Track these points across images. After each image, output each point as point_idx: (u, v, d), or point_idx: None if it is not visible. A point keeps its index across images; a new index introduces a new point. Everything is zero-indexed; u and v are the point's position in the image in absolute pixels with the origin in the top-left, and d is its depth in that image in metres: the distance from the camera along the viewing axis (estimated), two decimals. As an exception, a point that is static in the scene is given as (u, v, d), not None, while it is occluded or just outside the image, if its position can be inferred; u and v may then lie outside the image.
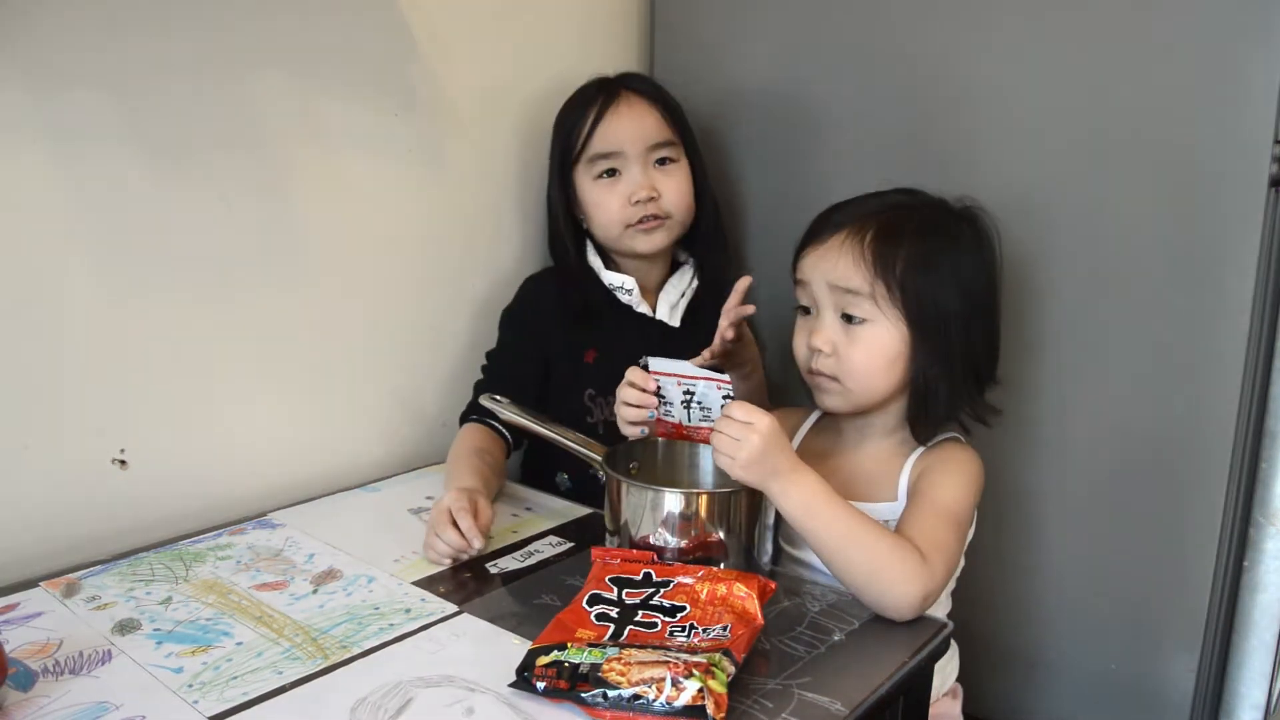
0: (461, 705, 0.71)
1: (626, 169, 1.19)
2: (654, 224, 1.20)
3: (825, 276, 0.96)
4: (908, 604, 0.84)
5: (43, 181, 0.91)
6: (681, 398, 0.93)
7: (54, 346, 0.94)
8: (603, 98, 1.20)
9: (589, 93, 1.23)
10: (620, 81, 1.23)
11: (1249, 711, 1.08)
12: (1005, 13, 1.10)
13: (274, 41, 1.06)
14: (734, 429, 0.85)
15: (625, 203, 1.19)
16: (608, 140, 1.19)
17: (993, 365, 1.01)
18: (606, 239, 1.23)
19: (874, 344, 0.94)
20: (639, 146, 1.19)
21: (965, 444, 1.01)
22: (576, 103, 1.23)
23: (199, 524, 1.05)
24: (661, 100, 1.23)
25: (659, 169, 1.21)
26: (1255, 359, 1.01)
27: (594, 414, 1.22)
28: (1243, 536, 1.06)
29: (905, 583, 0.84)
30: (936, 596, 0.87)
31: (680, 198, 1.21)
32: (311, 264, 1.14)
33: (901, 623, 0.85)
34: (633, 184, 1.19)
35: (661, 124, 1.21)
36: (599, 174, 1.20)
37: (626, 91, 1.21)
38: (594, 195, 1.21)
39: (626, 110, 1.20)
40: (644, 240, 1.21)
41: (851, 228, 0.96)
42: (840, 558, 0.85)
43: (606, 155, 1.19)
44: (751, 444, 0.84)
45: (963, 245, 0.96)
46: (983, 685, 1.19)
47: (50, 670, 0.75)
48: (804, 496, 0.86)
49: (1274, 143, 0.96)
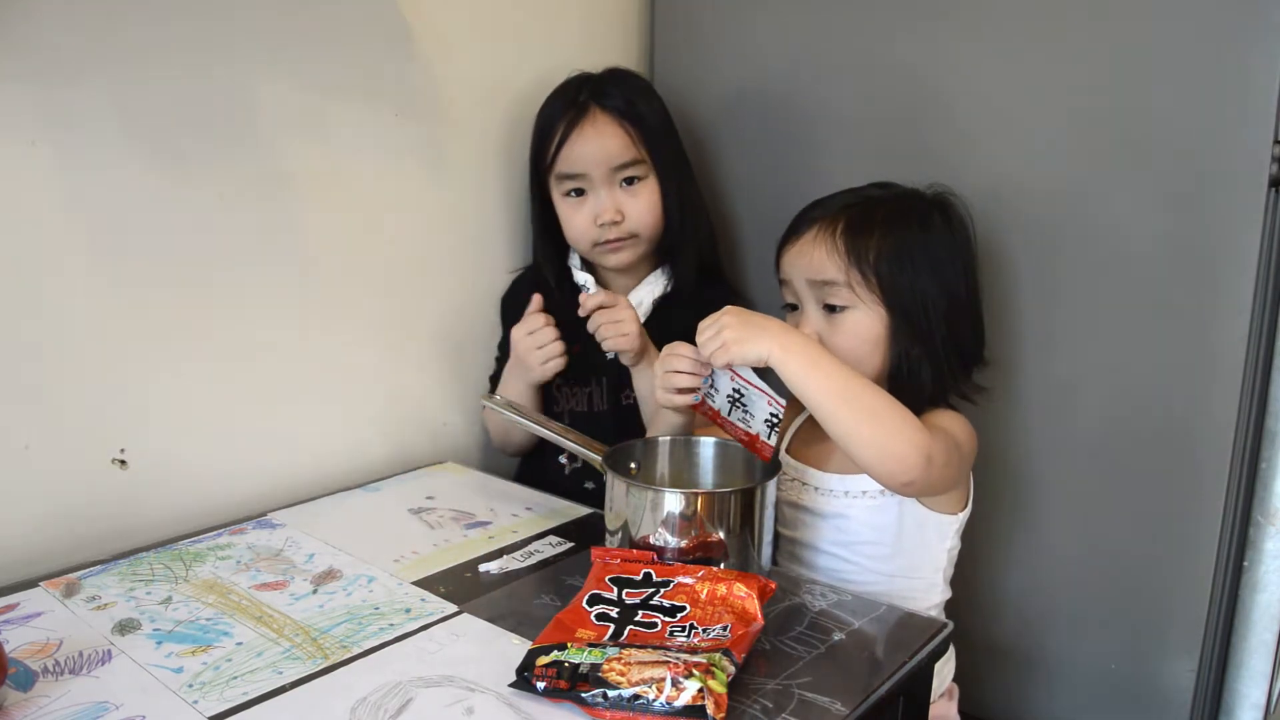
0: (461, 705, 0.71)
1: (593, 190, 1.19)
2: (619, 244, 1.21)
3: (803, 273, 0.99)
4: (914, 451, 0.85)
5: (42, 181, 0.91)
6: (730, 392, 0.94)
7: (54, 346, 0.94)
8: (570, 115, 1.19)
9: (560, 103, 1.21)
10: (592, 94, 1.20)
11: (1249, 711, 1.08)
12: (1006, 13, 1.10)
13: (274, 41, 1.06)
14: (705, 329, 0.90)
15: (591, 223, 1.20)
16: (573, 162, 1.19)
17: (979, 345, 1.03)
18: (577, 250, 1.25)
19: (856, 330, 0.97)
20: (603, 169, 1.18)
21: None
22: (549, 111, 1.22)
23: (199, 524, 1.05)
24: (631, 115, 1.20)
25: (625, 189, 1.20)
26: (1255, 359, 1.01)
27: (560, 403, 1.24)
28: (1243, 536, 1.06)
29: (911, 430, 0.86)
30: (939, 472, 0.89)
31: (646, 216, 1.21)
32: (311, 264, 1.14)
33: (899, 487, 0.89)
34: (598, 206, 1.19)
35: (627, 144, 1.19)
36: (566, 191, 1.21)
37: (595, 108, 1.19)
38: (563, 210, 1.22)
39: (592, 131, 1.18)
40: (611, 258, 1.22)
41: (824, 221, 0.99)
42: (845, 406, 0.86)
43: (572, 176, 1.19)
44: (727, 321, 0.89)
45: (934, 230, 0.99)
46: (982, 685, 1.20)
47: (50, 670, 0.75)
48: (804, 348, 0.89)
49: (1274, 143, 0.96)
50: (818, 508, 1.01)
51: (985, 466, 1.08)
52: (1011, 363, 1.14)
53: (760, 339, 0.88)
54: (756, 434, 0.94)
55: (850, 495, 0.99)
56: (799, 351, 0.88)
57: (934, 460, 0.87)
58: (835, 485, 1.00)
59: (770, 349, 0.88)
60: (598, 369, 1.22)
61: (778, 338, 0.89)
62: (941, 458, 0.89)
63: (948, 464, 0.91)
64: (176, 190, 1.00)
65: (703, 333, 0.92)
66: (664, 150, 1.22)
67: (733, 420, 0.95)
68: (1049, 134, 1.09)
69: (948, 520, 1.00)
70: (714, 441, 1.00)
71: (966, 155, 1.14)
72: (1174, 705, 1.09)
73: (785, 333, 0.90)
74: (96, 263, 0.96)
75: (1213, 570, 1.05)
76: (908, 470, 0.86)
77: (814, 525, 1.02)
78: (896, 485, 0.89)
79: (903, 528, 0.99)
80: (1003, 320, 1.13)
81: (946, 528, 1.01)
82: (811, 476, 1.02)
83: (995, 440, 1.14)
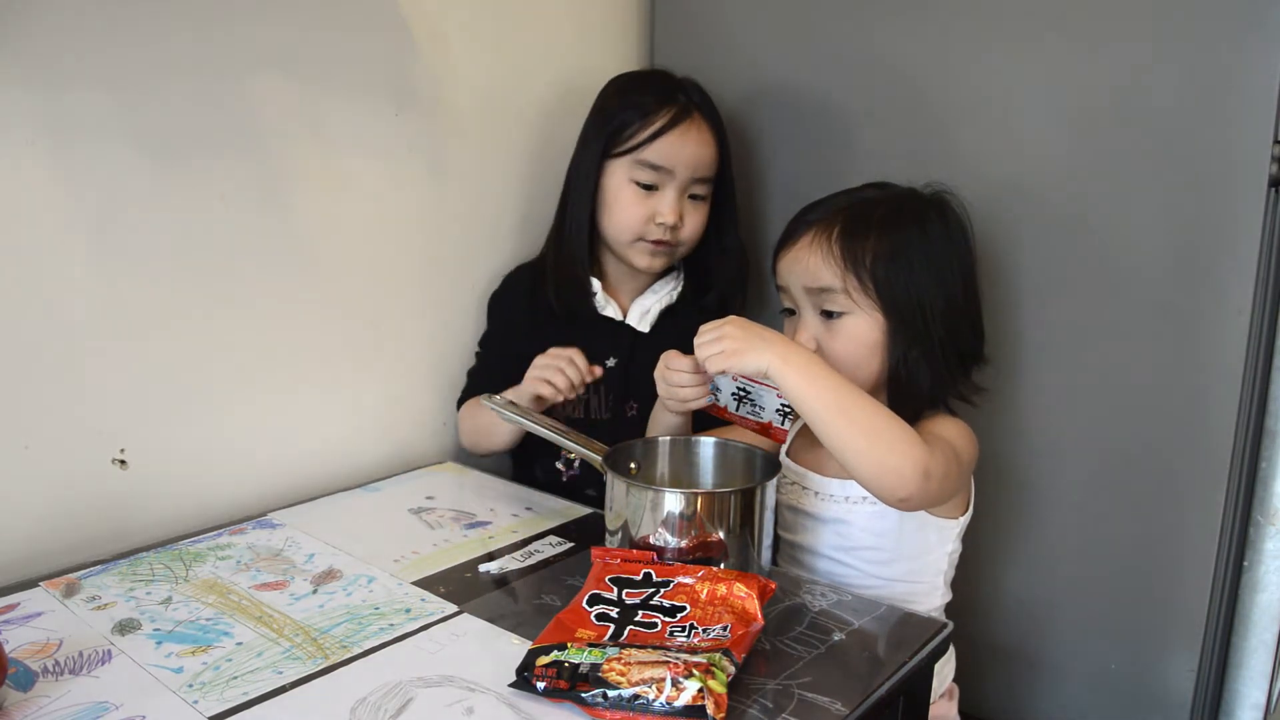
0: (461, 705, 0.71)
1: (665, 188, 1.18)
2: (664, 248, 1.20)
3: (800, 280, 0.99)
4: (911, 468, 0.85)
5: (42, 181, 0.91)
6: (734, 391, 0.95)
7: (54, 346, 0.94)
8: (674, 110, 1.17)
9: (656, 94, 1.18)
10: (695, 99, 1.20)
11: (1249, 711, 1.08)
12: (1008, 12, 1.10)
13: (273, 41, 1.06)
14: (707, 336, 0.91)
15: (649, 219, 1.18)
16: (664, 156, 1.16)
17: (978, 344, 1.02)
18: (612, 237, 1.22)
19: (854, 335, 0.97)
20: (688, 174, 1.18)
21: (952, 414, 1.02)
22: (642, 98, 1.18)
23: (199, 524, 1.05)
24: (720, 135, 1.21)
25: (690, 201, 1.20)
26: (1255, 359, 1.01)
27: (557, 410, 1.21)
28: (1243, 536, 1.06)
29: (908, 445, 0.85)
30: (937, 486, 0.88)
31: (695, 233, 1.22)
32: (311, 264, 1.14)
33: (896, 503, 0.87)
34: (663, 205, 1.18)
35: (714, 159, 1.20)
36: (638, 180, 1.18)
37: (699, 114, 1.18)
38: (622, 195, 1.19)
39: (695, 134, 1.17)
40: (646, 259, 1.21)
41: (819, 225, 0.99)
42: (843, 420, 0.86)
43: (656, 168, 1.17)
44: (729, 331, 0.90)
45: (931, 231, 0.98)
46: (982, 685, 1.20)
47: (50, 670, 0.75)
48: (803, 361, 0.88)
49: (1274, 143, 0.96)
50: (817, 512, 1.01)
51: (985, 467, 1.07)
52: (1012, 364, 1.14)
53: (761, 351, 0.88)
54: (769, 422, 0.94)
55: (850, 500, 0.99)
56: (800, 365, 0.88)
57: (932, 476, 0.86)
58: (835, 490, 1.00)
59: (770, 361, 0.88)
60: None
61: (779, 350, 0.88)
62: (940, 472, 0.88)
63: (946, 478, 0.90)
64: (177, 190, 1.00)
65: (702, 335, 0.92)
66: (728, 183, 1.24)
67: (742, 415, 0.95)
68: (1049, 133, 1.09)
69: (949, 525, 1.00)
70: (714, 441, 1.00)
71: (967, 154, 1.14)
72: (1174, 705, 1.09)
73: (786, 345, 0.90)
74: (96, 262, 0.96)
75: (1213, 570, 1.05)
76: (904, 486, 0.85)
77: (814, 530, 1.02)
78: (893, 501, 0.88)
79: (903, 533, 0.98)
80: (1004, 321, 1.13)
81: (947, 532, 1.01)
82: (811, 481, 1.02)
83: (995, 440, 1.14)
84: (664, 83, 1.21)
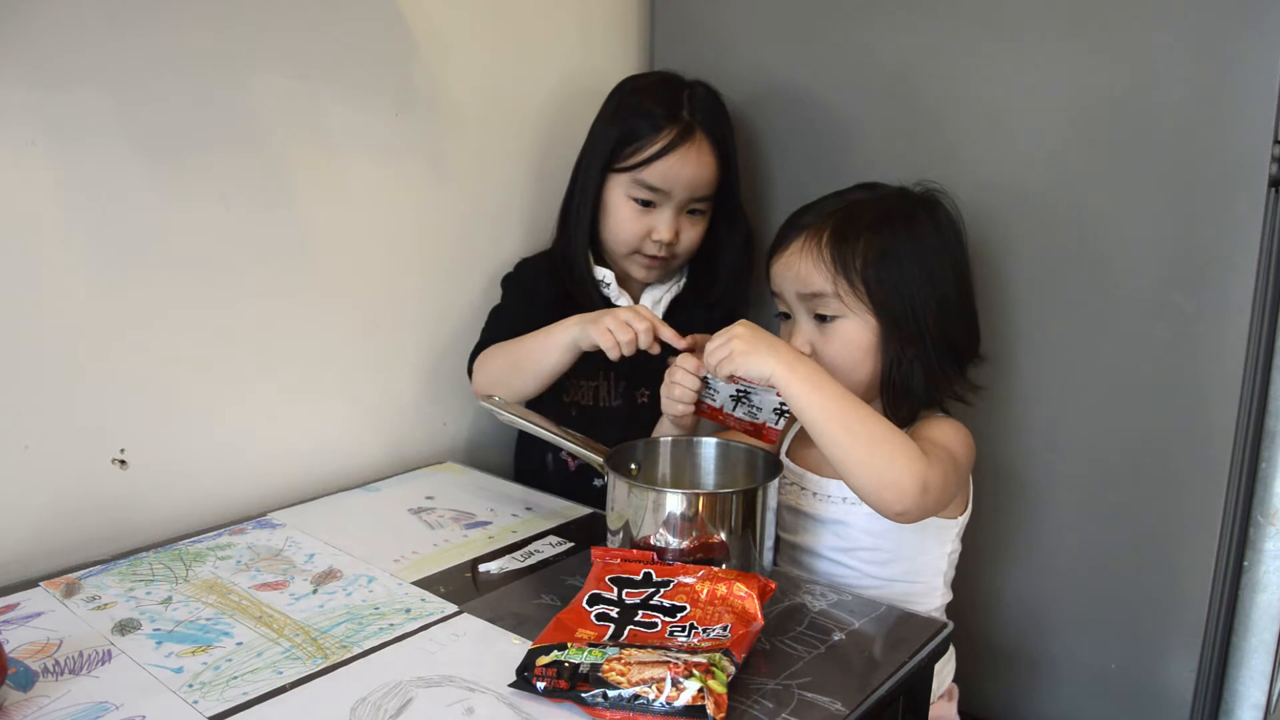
0: (461, 705, 0.71)
1: (663, 207, 1.19)
2: (658, 262, 1.21)
3: (792, 285, 1.00)
4: (910, 481, 0.85)
5: (42, 181, 0.91)
6: (733, 393, 0.96)
7: (54, 346, 0.94)
8: (674, 131, 1.16)
9: (660, 112, 1.17)
10: (694, 114, 1.18)
11: (1249, 711, 1.08)
12: (1008, 13, 1.10)
13: (274, 40, 1.06)
14: (715, 343, 0.92)
15: (645, 235, 1.19)
16: (662, 178, 1.16)
17: (974, 343, 1.02)
18: (611, 248, 1.23)
19: (847, 338, 0.98)
20: (685, 194, 1.18)
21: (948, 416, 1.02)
22: (645, 117, 1.17)
23: (199, 524, 1.05)
24: (723, 151, 1.20)
25: (687, 217, 1.21)
26: (1255, 359, 1.01)
27: (569, 393, 1.23)
28: (1243, 536, 1.06)
29: (907, 459, 0.86)
30: (935, 499, 0.88)
31: (692, 246, 1.23)
32: (311, 264, 1.14)
33: (894, 516, 0.87)
34: (662, 224, 1.18)
35: (713, 178, 1.20)
36: (636, 198, 1.19)
37: (700, 133, 1.17)
38: (621, 210, 1.20)
39: (694, 157, 1.17)
40: (642, 271, 1.23)
41: (810, 230, 0.99)
42: (844, 431, 0.87)
43: (653, 189, 1.17)
44: (738, 333, 0.91)
45: (920, 230, 0.98)
46: (982, 685, 1.20)
47: (50, 670, 0.75)
48: (808, 370, 0.89)
49: (1274, 143, 0.96)
50: (817, 513, 1.01)
51: (984, 467, 1.07)
52: (1010, 363, 1.14)
53: (767, 357, 0.89)
54: (763, 422, 0.94)
55: (849, 501, 0.99)
56: (804, 374, 0.89)
57: (930, 488, 0.86)
58: (834, 491, 1.00)
59: (775, 368, 0.89)
60: (608, 362, 1.20)
61: (785, 358, 0.89)
62: (938, 485, 0.88)
63: (944, 490, 0.90)
64: (177, 190, 1.00)
65: (712, 342, 0.93)
66: (731, 190, 1.24)
67: (737, 415, 0.96)
68: (1049, 133, 1.09)
69: (948, 525, 1.00)
70: (716, 442, 1.00)
71: (966, 154, 1.14)
72: (1174, 705, 1.09)
73: (793, 354, 0.91)
74: (96, 262, 0.96)
75: (1213, 570, 1.05)
76: (902, 500, 0.86)
77: (813, 530, 1.02)
78: (891, 515, 0.88)
79: (902, 533, 0.98)
80: (1002, 320, 1.13)
81: (947, 532, 1.01)
82: (810, 482, 1.02)
83: (996, 440, 1.14)
84: (672, 94, 1.19)
